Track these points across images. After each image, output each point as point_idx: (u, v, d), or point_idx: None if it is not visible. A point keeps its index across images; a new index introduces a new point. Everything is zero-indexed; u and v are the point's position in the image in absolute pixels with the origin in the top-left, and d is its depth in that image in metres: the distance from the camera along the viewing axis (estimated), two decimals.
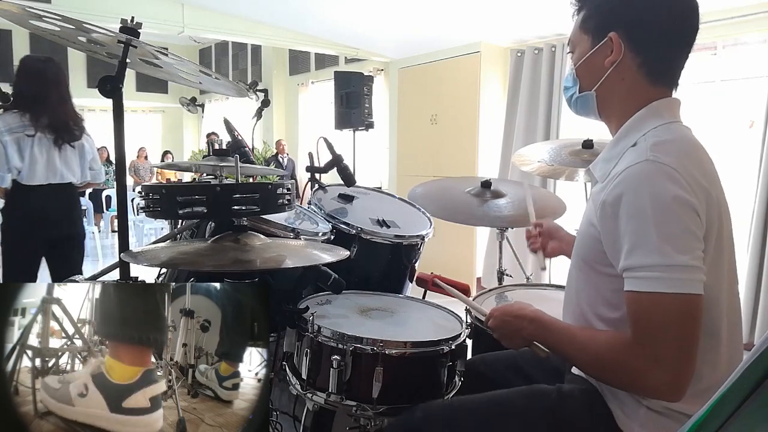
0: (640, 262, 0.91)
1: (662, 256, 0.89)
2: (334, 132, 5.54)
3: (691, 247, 0.90)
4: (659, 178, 0.92)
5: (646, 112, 1.05)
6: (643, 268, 0.91)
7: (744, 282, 3.66)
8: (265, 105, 5.17)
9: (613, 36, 1.05)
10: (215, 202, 1.17)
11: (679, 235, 0.90)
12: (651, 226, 0.90)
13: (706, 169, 1.00)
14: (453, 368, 1.33)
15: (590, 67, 1.10)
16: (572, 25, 1.16)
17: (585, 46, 1.11)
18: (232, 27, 5.76)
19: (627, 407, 1.03)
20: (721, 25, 3.75)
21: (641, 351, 0.92)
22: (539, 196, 2.28)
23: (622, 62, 1.06)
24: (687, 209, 0.91)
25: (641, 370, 0.92)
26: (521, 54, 4.90)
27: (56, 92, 2.75)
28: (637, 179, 0.94)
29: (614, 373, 0.98)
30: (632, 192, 0.94)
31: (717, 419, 0.53)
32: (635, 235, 0.92)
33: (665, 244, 0.89)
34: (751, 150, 3.72)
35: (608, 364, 0.98)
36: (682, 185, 0.92)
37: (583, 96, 1.14)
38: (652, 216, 0.91)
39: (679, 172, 0.93)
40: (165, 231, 6.40)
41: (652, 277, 0.90)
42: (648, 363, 0.91)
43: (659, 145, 0.98)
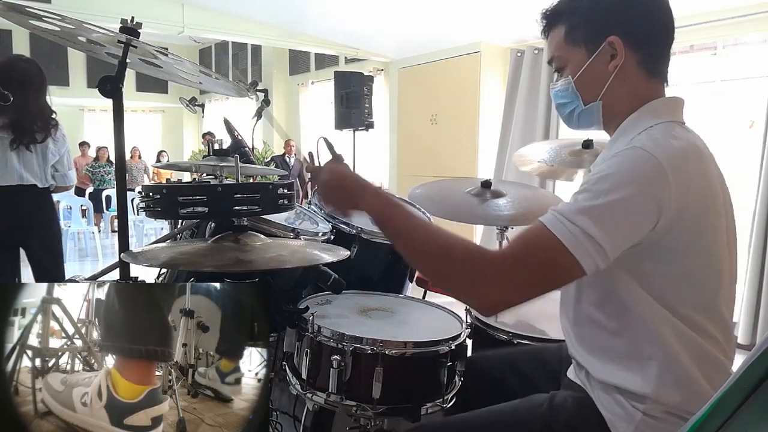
0: (566, 211, 0.91)
1: (587, 222, 0.89)
2: (334, 132, 5.54)
3: (616, 236, 0.90)
4: (638, 163, 0.92)
5: (645, 109, 1.05)
6: (566, 217, 0.90)
7: (745, 283, 3.66)
8: (265, 105, 5.18)
9: (614, 39, 1.04)
10: (216, 202, 1.17)
11: (618, 219, 0.90)
12: (601, 196, 0.90)
13: (701, 170, 0.98)
14: (453, 368, 1.33)
15: (591, 76, 1.08)
16: (549, 44, 1.13)
17: (579, 57, 1.08)
18: (232, 27, 5.77)
19: (622, 414, 1.01)
20: (721, 25, 3.75)
21: (500, 266, 0.92)
22: (539, 197, 2.28)
23: (624, 63, 1.05)
24: (647, 203, 0.90)
25: (494, 285, 0.92)
26: (521, 54, 4.90)
27: (21, 93, 2.62)
28: (618, 160, 0.94)
29: (467, 278, 0.95)
30: (607, 167, 0.93)
31: (717, 419, 0.53)
32: (584, 194, 0.92)
33: (599, 217, 0.89)
34: (751, 150, 3.72)
35: (468, 268, 0.94)
36: (657, 176, 0.90)
37: (588, 108, 1.10)
38: (609, 189, 0.90)
39: (663, 164, 0.91)
40: (165, 231, 6.39)
41: (567, 228, 0.89)
42: (496, 278, 0.91)
43: (656, 139, 0.97)
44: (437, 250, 0.98)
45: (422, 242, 1.01)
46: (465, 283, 0.95)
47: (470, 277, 0.94)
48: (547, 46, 1.15)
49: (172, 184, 1.29)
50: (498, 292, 0.93)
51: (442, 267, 0.99)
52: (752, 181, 3.67)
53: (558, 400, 1.11)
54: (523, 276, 0.92)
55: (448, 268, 0.97)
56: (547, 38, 1.15)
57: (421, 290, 1.93)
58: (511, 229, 2.21)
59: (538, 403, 1.11)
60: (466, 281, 0.95)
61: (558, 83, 1.14)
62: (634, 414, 1.00)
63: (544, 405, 1.10)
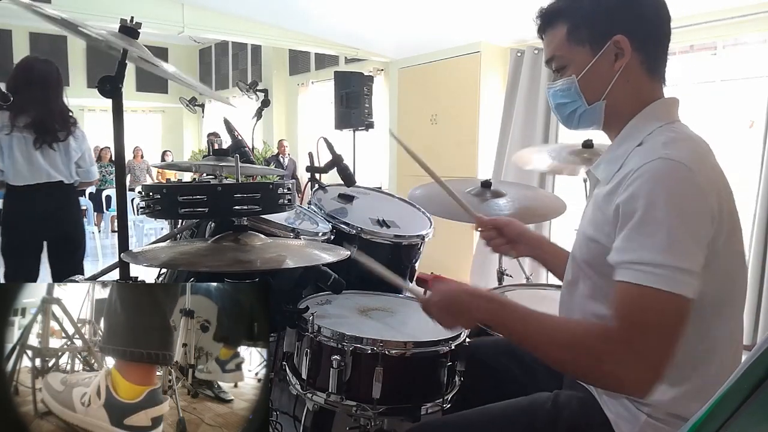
0: (640, 258, 0.90)
1: (662, 255, 0.88)
2: (334, 132, 5.54)
3: (691, 252, 0.89)
4: (674, 178, 0.91)
5: (648, 111, 1.05)
6: (643, 263, 0.89)
7: (747, 283, 3.66)
8: (265, 105, 5.18)
9: (621, 39, 1.03)
10: (216, 202, 1.17)
11: (686, 239, 0.89)
12: (658, 224, 0.89)
13: (714, 165, 0.99)
14: (453, 368, 1.33)
15: (595, 76, 1.06)
16: (547, 43, 1.11)
17: (583, 57, 1.06)
18: (232, 27, 5.77)
19: (626, 415, 1.01)
20: (721, 25, 3.75)
21: (626, 344, 0.89)
22: (539, 197, 2.28)
23: (628, 63, 1.05)
24: (700, 213, 0.91)
25: (621, 363, 0.89)
26: (521, 54, 4.90)
27: (41, 92, 2.72)
28: (653, 178, 0.92)
29: (588, 362, 0.93)
30: (647, 190, 0.92)
31: (717, 419, 0.53)
32: (641, 230, 0.91)
33: (669, 245, 0.88)
34: (751, 150, 3.72)
35: (583, 352, 0.93)
36: (697, 185, 0.91)
37: (591, 108, 1.09)
38: (662, 215, 0.89)
39: (694, 170, 0.91)
40: (165, 231, 6.39)
41: (651, 272, 0.89)
42: (630, 356, 0.89)
43: (671, 143, 0.97)
44: (562, 359, 0.97)
45: (546, 350, 0.99)
46: (608, 378, 0.93)
47: (607, 368, 0.91)
48: (546, 46, 1.14)
49: (171, 184, 1.29)
50: (641, 370, 0.89)
51: (578, 369, 0.97)
52: (752, 181, 3.67)
53: (562, 399, 1.11)
54: (646, 344, 0.89)
55: (584, 369, 0.96)
56: (544, 37, 1.13)
57: (421, 290, 1.93)
58: None
59: (541, 402, 1.11)
60: (603, 375, 0.92)
61: (558, 83, 1.12)
62: (639, 415, 1.00)
63: (548, 404, 1.10)
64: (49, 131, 2.79)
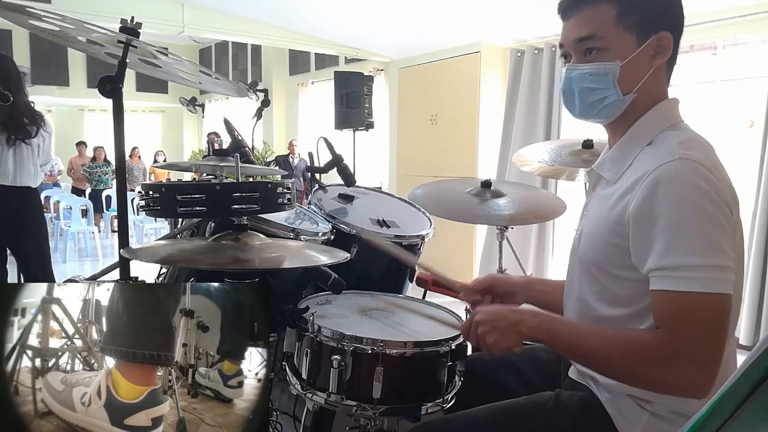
0: (677, 262, 0.90)
1: (699, 257, 0.88)
2: (334, 132, 5.54)
3: (724, 248, 0.90)
4: (695, 177, 0.91)
5: (657, 110, 1.05)
6: (681, 268, 0.89)
7: (747, 283, 3.66)
8: (265, 105, 5.18)
9: (667, 36, 1.02)
10: (214, 201, 1.17)
11: (714, 235, 0.90)
12: (689, 226, 0.90)
13: (722, 165, 1.00)
14: (453, 368, 1.33)
15: (634, 68, 1.02)
16: (584, 20, 1.03)
17: (627, 44, 1.01)
18: (232, 27, 5.77)
19: (628, 414, 1.01)
20: (721, 25, 3.75)
21: (677, 349, 0.90)
22: (539, 197, 2.28)
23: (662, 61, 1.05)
24: (723, 208, 0.91)
25: (677, 368, 0.90)
26: (521, 54, 4.90)
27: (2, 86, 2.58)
28: (673, 178, 0.92)
29: (645, 372, 0.93)
30: (669, 191, 0.92)
31: (717, 419, 0.53)
32: (672, 234, 0.91)
33: (702, 245, 0.89)
34: (751, 150, 3.72)
35: (639, 362, 0.93)
36: (716, 184, 0.92)
37: (622, 100, 1.04)
38: (691, 216, 0.90)
39: (711, 170, 0.92)
40: (165, 231, 6.39)
41: (691, 277, 0.89)
42: (684, 361, 0.89)
43: (687, 143, 0.97)
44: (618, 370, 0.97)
45: (599, 362, 0.99)
46: (668, 385, 0.93)
47: (665, 375, 0.91)
48: (579, 24, 1.04)
49: (171, 183, 1.29)
50: (697, 373, 0.90)
51: (634, 378, 0.97)
52: (752, 181, 3.67)
53: (564, 398, 1.10)
54: (697, 348, 0.90)
55: (641, 377, 0.95)
56: (577, 14, 1.04)
57: (421, 290, 1.93)
58: (511, 229, 2.21)
59: (543, 401, 1.11)
60: (662, 381, 0.93)
61: (589, 66, 1.03)
62: (641, 413, 1.00)
63: (550, 403, 1.10)
64: (19, 127, 2.74)
